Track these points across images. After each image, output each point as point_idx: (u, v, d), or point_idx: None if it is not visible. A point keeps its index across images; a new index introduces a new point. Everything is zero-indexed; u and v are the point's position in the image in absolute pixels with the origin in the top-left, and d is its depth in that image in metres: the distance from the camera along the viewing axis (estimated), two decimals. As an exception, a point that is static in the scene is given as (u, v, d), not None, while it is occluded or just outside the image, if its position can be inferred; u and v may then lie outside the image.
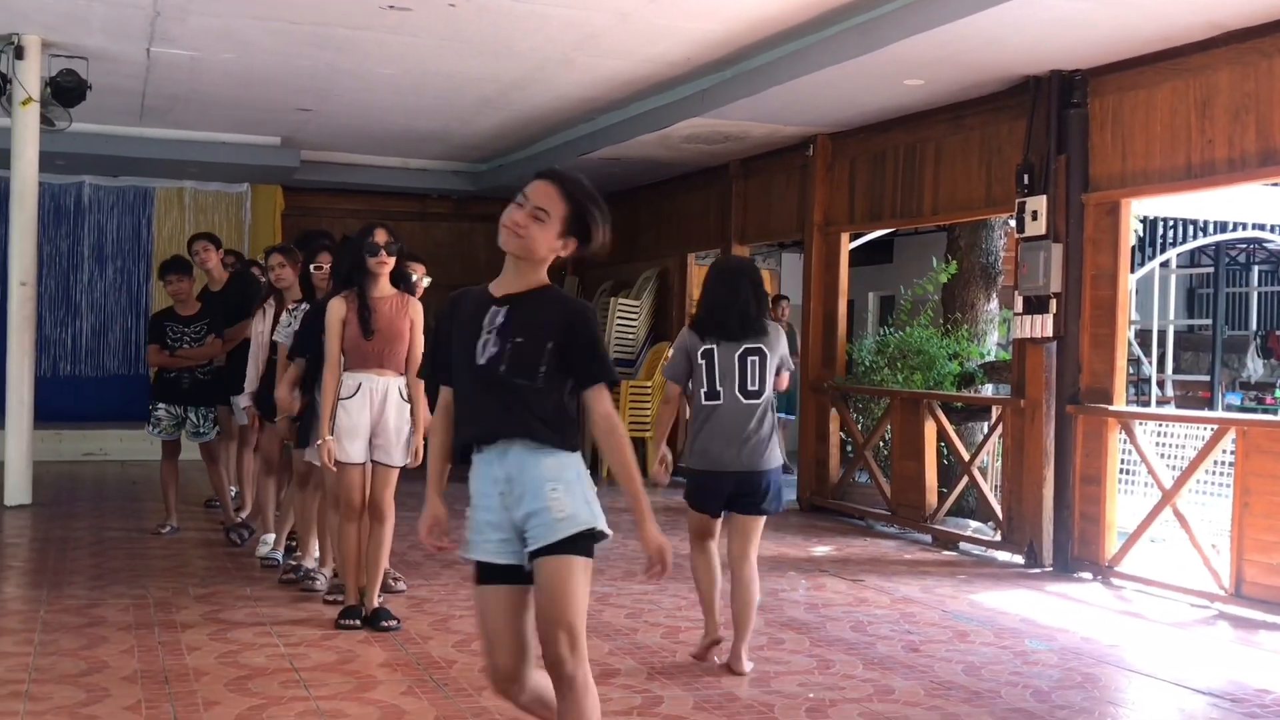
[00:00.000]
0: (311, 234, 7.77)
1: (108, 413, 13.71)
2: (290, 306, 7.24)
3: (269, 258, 7.75)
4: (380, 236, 6.06)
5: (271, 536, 7.73)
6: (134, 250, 14.59)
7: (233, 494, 9.00)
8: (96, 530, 8.75)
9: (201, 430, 8.53)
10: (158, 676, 5.04)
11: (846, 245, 10.69)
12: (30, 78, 9.33)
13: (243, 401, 7.89)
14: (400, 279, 6.19)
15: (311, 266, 7.00)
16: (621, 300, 13.62)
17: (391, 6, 7.93)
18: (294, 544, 7.52)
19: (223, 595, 6.65)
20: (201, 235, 9.06)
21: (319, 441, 6.07)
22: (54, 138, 10.00)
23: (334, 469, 6.01)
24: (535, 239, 3.38)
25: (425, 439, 5.95)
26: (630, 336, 13.50)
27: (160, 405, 8.49)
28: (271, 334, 7.41)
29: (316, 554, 7.03)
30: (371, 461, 6.11)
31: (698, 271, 13.36)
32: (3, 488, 9.66)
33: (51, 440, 12.38)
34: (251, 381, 7.72)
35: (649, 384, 12.95)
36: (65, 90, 9.40)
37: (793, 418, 13.51)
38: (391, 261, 6.08)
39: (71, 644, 5.54)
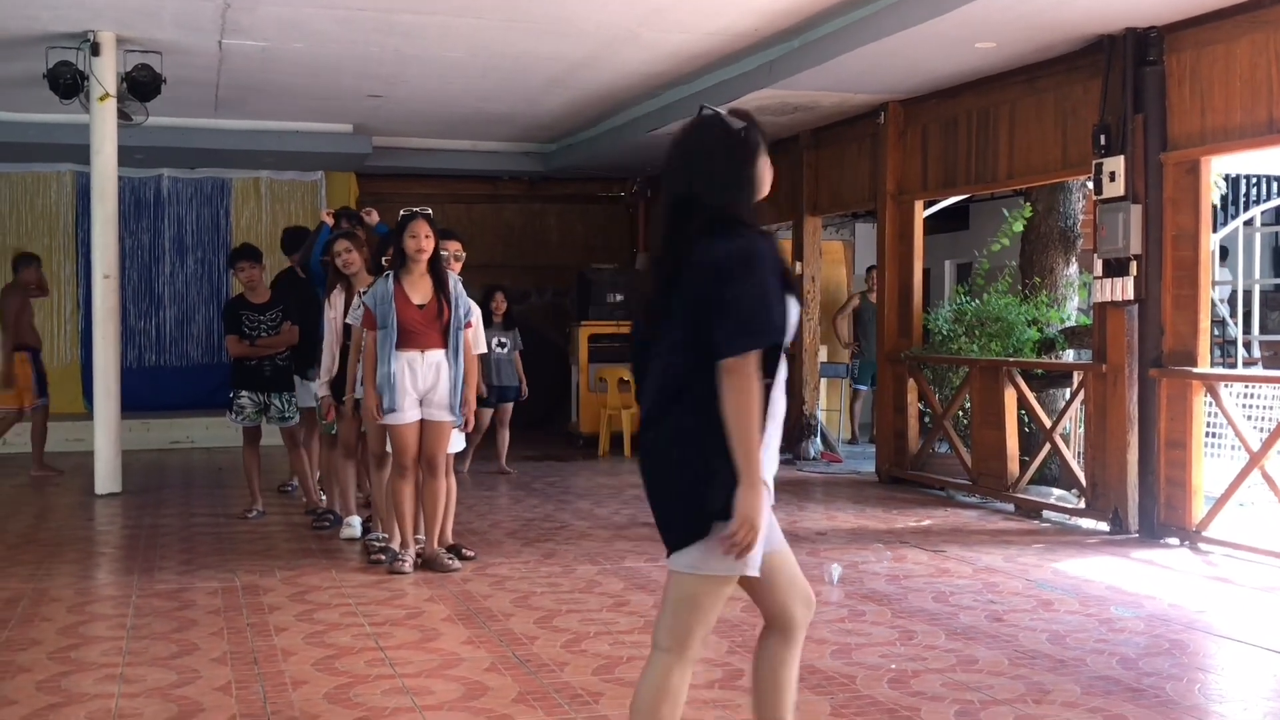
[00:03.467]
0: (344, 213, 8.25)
1: (192, 401, 13.97)
2: (362, 290, 7.32)
3: (335, 244, 7.84)
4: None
5: (356, 519, 7.84)
6: (213, 241, 14.83)
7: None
8: (184, 516, 8.92)
9: (287, 415, 8.65)
10: (246, 658, 5.14)
11: (921, 213, 10.57)
12: (106, 74, 9.50)
13: (320, 390, 7.94)
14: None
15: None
16: (694, 276, 13.57)
17: (456, -11, 7.96)
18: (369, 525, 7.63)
19: (308, 576, 6.76)
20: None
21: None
22: (131, 132, 10.18)
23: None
24: None
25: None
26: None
27: (243, 393, 8.62)
28: (345, 319, 7.52)
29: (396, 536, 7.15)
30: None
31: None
32: (93, 476, 9.88)
33: (139, 429, 12.64)
34: (327, 370, 7.80)
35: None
36: (140, 85, 9.55)
37: (863, 388, 13.43)
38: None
39: (163, 628, 5.66)
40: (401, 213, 6.83)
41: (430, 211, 6.84)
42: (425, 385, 6.68)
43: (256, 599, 6.23)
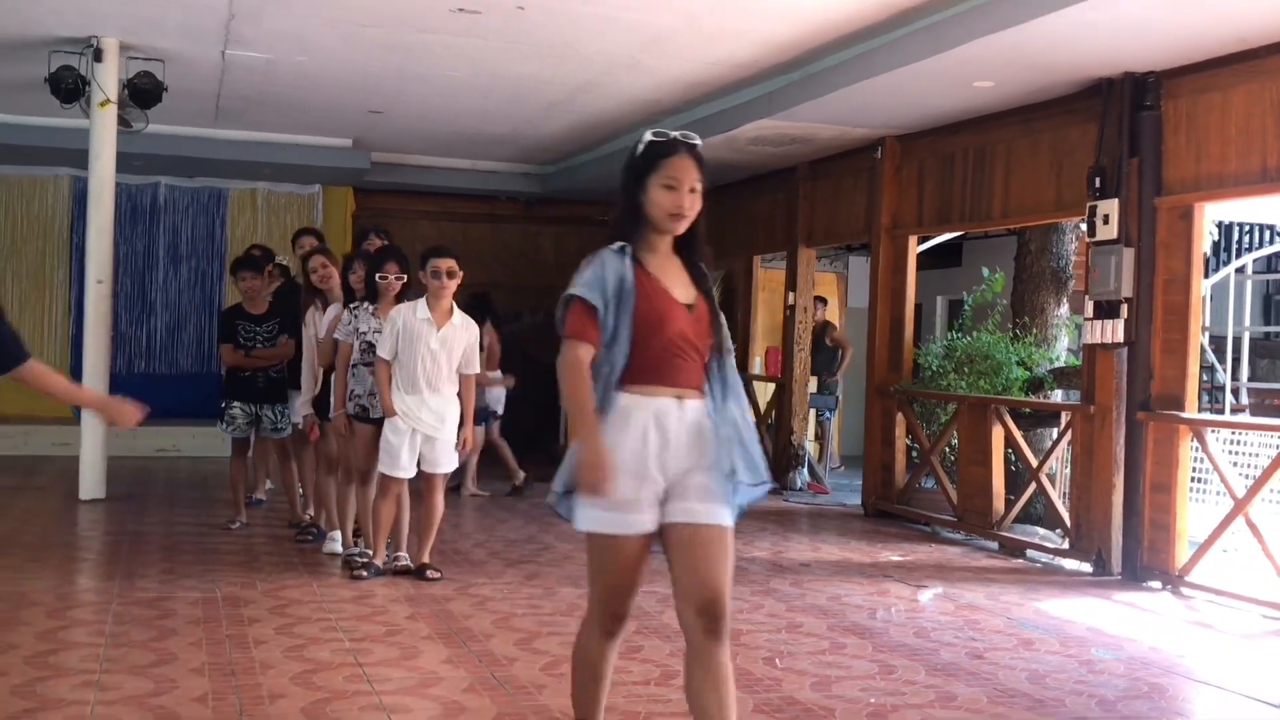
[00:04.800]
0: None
1: (181, 410, 13.91)
2: (352, 305, 7.35)
3: (310, 260, 7.95)
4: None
5: (339, 534, 7.82)
6: (208, 250, 14.83)
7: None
8: (168, 525, 8.90)
9: (279, 426, 8.64)
10: (224, 669, 5.12)
11: (915, 248, 10.61)
12: (108, 80, 9.51)
13: (302, 410, 7.97)
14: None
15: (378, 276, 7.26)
16: (687, 302, 13.59)
17: (460, 10, 8.00)
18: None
19: (289, 590, 6.74)
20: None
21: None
22: (130, 139, 10.19)
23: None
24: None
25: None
26: (696, 339, 13.48)
27: (235, 404, 8.60)
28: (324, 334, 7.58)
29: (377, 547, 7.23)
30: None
31: (763, 275, 13.34)
32: (78, 482, 9.85)
33: (126, 436, 12.53)
34: (309, 387, 7.83)
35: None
36: (142, 92, 9.57)
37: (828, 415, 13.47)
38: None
39: (141, 636, 5.64)
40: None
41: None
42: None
43: (237, 610, 6.22)
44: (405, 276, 7.32)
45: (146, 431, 13.13)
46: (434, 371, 6.86)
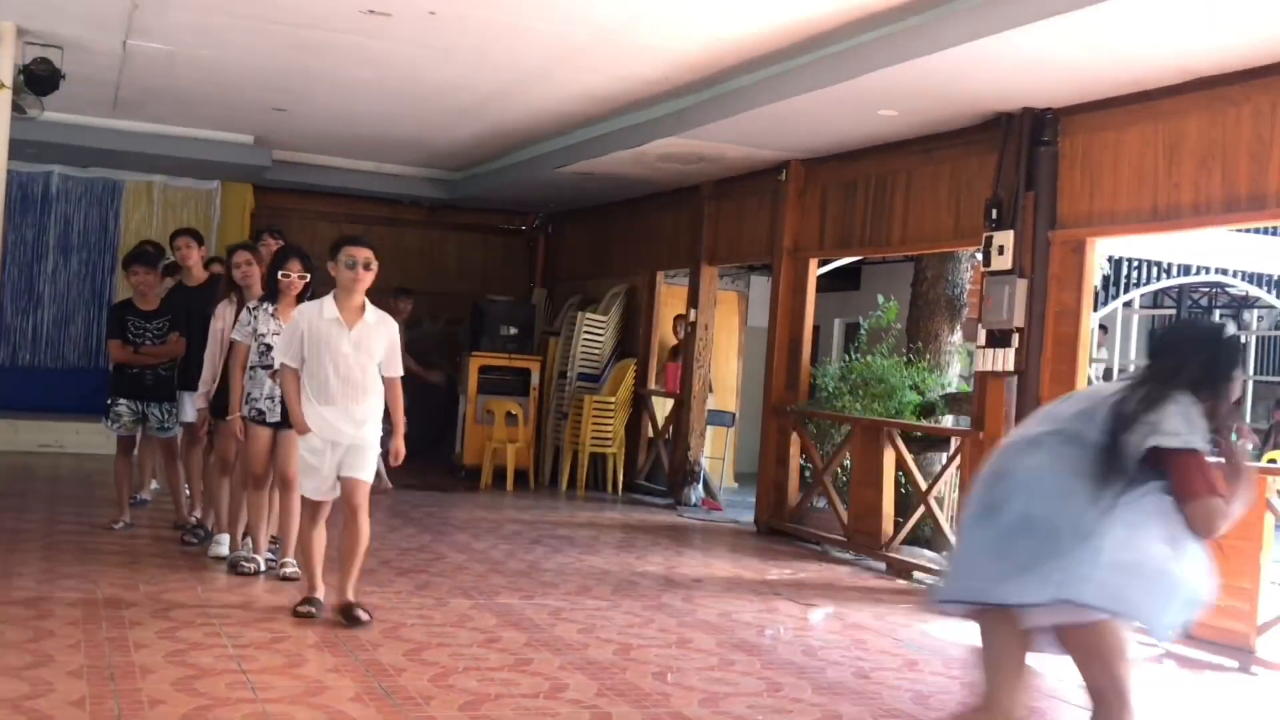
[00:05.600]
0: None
1: (65, 405, 13.57)
2: (251, 305, 7.24)
3: (234, 254, 7.78)
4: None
5: (226, 538, 7.69)
6: (100, 242, 14.48)
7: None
8: (48, 523, 8.67)
9: (166, 425, 8.46)
10: (104, 672, 5.00)
11: (815, 271, 10.74)
12: (3, 65, 9.22)
13: (197, 404, 7.83)
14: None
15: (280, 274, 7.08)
16: (589, 315, 13.62)
17: (371, 11, 7.92)
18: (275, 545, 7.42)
19: (173, 593, 6.60)
20: (185, 231, 8.99)
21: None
22: (25, 126, 9.91)
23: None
24: None
25: None
26: (596, 351, 13.51)
27: (121, 401, 8.41)
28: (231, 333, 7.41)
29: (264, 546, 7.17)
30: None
31: (666, 291, 13.40)
32: (-45, 476, 9.57)
33: (7, 430, 12.27)
34: (207, 381, 7.68)
35: (612, 400, 12.96)
36: (38, 79, 9.31)
37: None
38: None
39: (17, 636, 5.48)
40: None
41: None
42: None
43: (117, 613, 6.07)
44: (308, 276, 7.19)
45: (28, 426, 12.84)
46: (351, 378, 6.15)
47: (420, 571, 7.78)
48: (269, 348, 6.94)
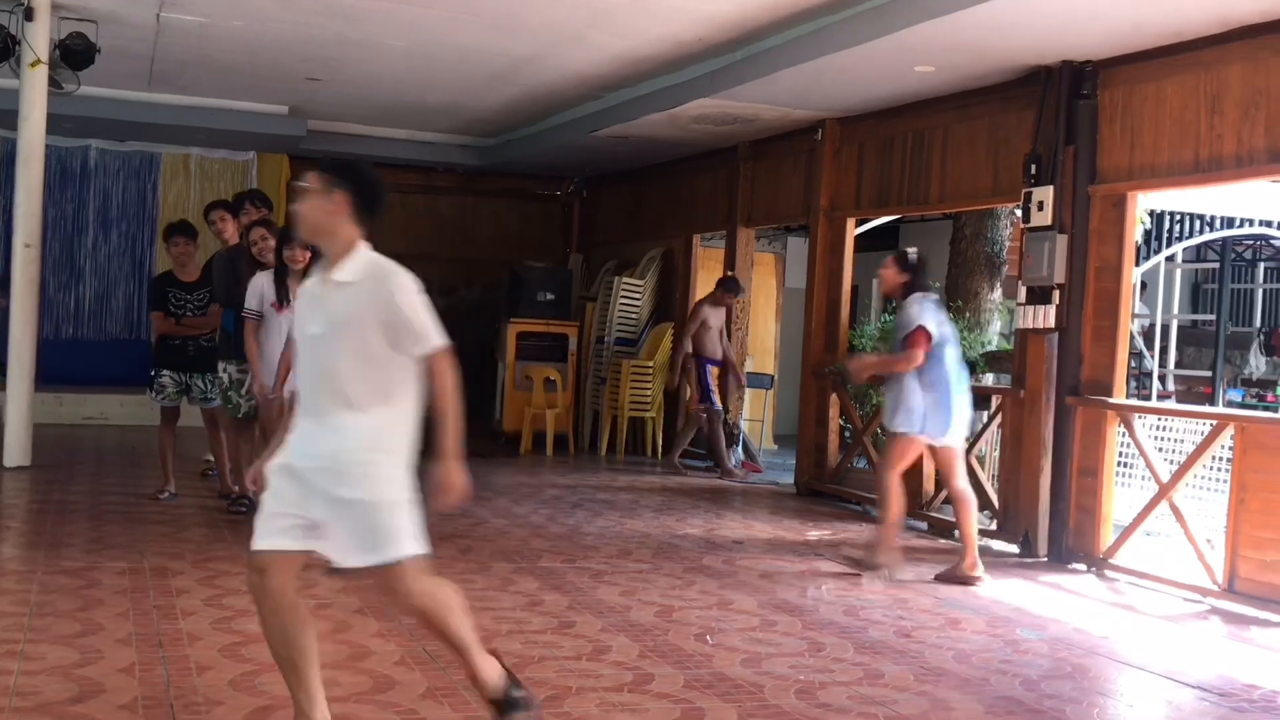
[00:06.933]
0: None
1: (108, 377, 13.72)
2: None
3: (251, 231, 7.82)
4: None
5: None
6: (139, 215, 14.60)
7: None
8: (94, 494, 8.77)
9: (209, 395, 8.54)
10: (152, 640, 5.07)
11: (852, 231, 10.68)
12: (39, 40, 9.31)
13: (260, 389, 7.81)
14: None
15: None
16: (625, 280, 13.61)
17: (403, -22, 7.91)
18: None
19: (218, 561, 6.67)
20: (219, 204, 9.06)
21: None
22: (62, 101, 9.99)
23: None
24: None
25: None
26: (633, 316, 13.50)
27: (164, 372, 8.50)
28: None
29: None
30: None
31: (702, 253, 13.37)
32: (2, 449, 9.68)
33: (52, 403, 12.40)
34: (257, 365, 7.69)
35: (650, 364, 12.96)
36: (74, 53, 9.37)
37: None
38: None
39: (67, 606, 5.56)
40: None
41: None
42: None
43: (164, 581, 6.15)
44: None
45: (72, 398, 12.99)
46: None
47: (462, 537, 7.82)
48: None
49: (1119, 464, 8.02)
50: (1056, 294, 7.98)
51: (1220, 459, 7.39)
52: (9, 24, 9.21)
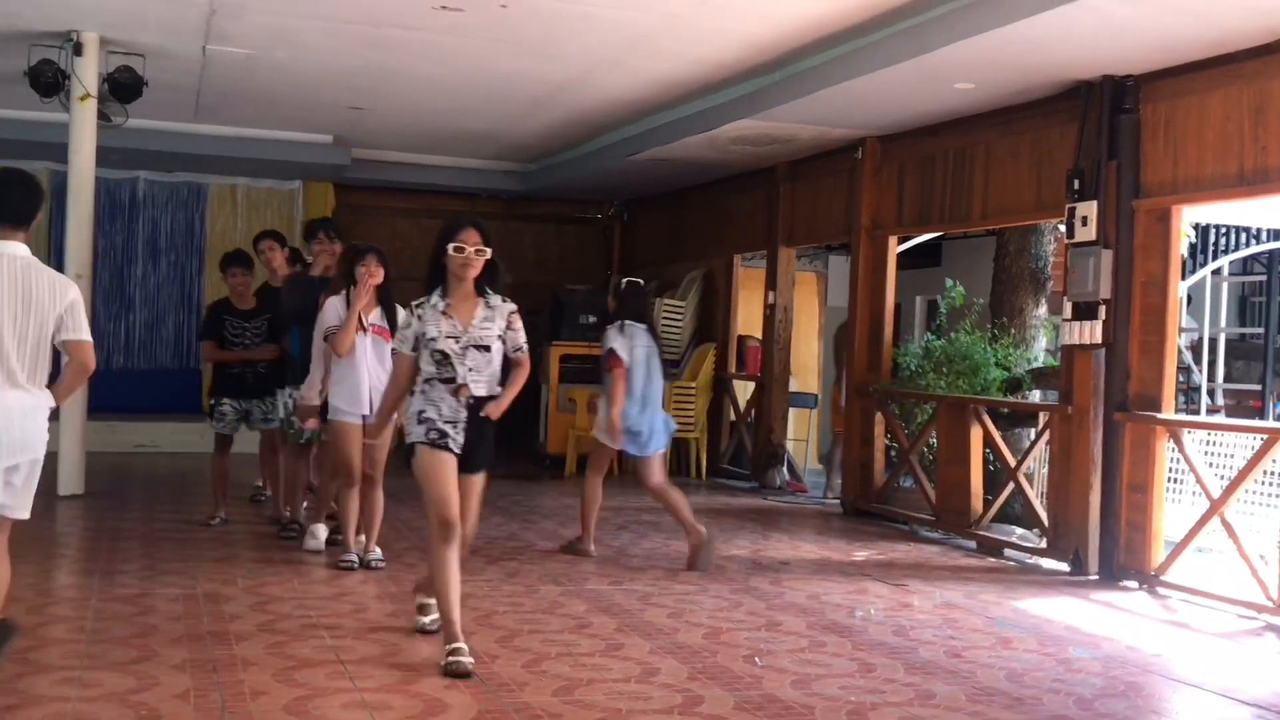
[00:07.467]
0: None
1: (159, 405, 13.88)
2: (416, 302, 5.91)
3: (365, 257, 7.47)
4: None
5: (322, 529, 7.82)
6: (187, 245, 14.78)
7: (268, 493, 9.15)
8: (147, 521, 8.87)
9: (269, 418, 8.61)
10: (206, 666, 5.12)
11: (894, 248, 10.66)
12: (88, 74, 9.47)
13: (310, 399, 7.66)
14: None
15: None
16: (666, 301, 13.64)
17: (443, 7, 7.99)
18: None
19: (270, 587, 6.74)
20: (267, 234, 9.16)
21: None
22: (110, 133, 10.15)
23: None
24: None
25: None
26: (675, 337, 13.52)
27: (225, 400, 8.60)
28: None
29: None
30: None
31: (744, 273, 13.37)
32: (56, 477, 9.81)
33: (104, 432, 12.53)
34: (317, 381, 7.57)
35: (693, 385, 12.97)
36: (122, 87, 9.53)
37: None
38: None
39: (122, 632, 5.63)
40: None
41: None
42: None
43: (217, 607, 6.21)
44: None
45: (125, 427, 13.14)
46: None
47: (509, 559, 7.86)
48: (445, 356, 5.54)
49: (1169, 480, 7.95)
50: (1102, 309, 7.93)
51: (1272, 473, 7.33)
52: (59, 59, 9.38)
